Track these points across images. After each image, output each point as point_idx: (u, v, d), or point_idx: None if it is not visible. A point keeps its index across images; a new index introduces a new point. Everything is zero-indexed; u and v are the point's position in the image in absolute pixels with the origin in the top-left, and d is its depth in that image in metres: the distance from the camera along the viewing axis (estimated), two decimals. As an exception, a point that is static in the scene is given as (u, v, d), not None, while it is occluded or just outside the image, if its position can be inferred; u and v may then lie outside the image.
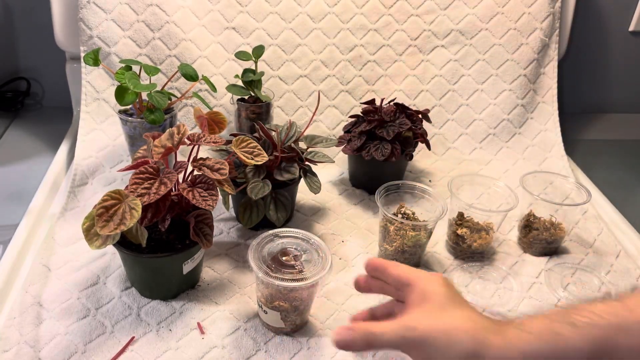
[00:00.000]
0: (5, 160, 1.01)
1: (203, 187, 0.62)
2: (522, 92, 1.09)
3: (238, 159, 0.69)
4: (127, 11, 0.97)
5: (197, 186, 0.62)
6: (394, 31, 1.07)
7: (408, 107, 0.91)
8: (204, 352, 0.61)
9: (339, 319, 0.67)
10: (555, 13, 1.09)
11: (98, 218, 0.55)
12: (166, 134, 0.62)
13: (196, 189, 0.62)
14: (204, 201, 0.60)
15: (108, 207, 0.56)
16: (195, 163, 0.63)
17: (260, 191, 0.72)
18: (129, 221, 0.56)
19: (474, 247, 0.78)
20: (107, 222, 0.56)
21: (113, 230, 0.55)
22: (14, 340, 0.61)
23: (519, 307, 0.71)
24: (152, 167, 0.60)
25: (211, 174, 0.62)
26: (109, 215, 0.56)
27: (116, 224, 0.56)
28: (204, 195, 0.61)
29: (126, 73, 0.81)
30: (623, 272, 0.78)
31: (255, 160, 0.67)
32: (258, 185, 0.73)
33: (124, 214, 0.56)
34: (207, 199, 0.61)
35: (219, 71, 1.02)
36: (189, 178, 0.64)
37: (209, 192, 0.62)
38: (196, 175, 0.63)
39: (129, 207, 0.56)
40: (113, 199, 0.57)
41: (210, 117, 0.68)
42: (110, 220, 0.56)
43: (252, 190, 0.72)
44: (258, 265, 0.60)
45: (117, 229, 0.55)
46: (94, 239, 0.58)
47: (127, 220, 0.56)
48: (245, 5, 1.02)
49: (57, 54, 1.09)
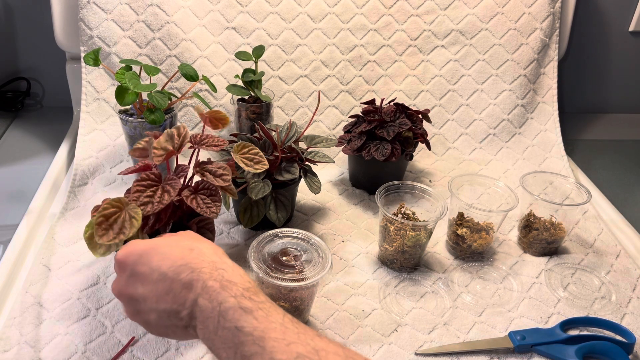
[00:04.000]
0: (5, 160, 1.01)
1: (206, 194, 0.62)
2: (522, 92, 1.09)
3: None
4: (127, 11, 0.97)
5: (199, 192, 0.62)
6: (394, 31, 1.07)
7: (408, 107, 0.91)
8: (204, 352, 0.61)
9: (339, 319, 0.67)
10: (555, 13, 1.09)
11: (97, 227, 0.55)
12: (165, 135, 0.61)
13: (199, 196, 0.61)
14: (208, 208, 0.60)
15: (107, 216, 0.56)
16: (198, 169, 0.63)
17: (261, 191, 0.72)
18: (128, 230, 0.55)
19: (474, 247, 0.78)
20: (106, 231, 0.55)
21: (112, 240, 0.55)
22: (14, 340, 0.61)
23: (519, 307, 0.71)
24: (153, 173, 0.60)
25: (214, 180, 0.61)
26: (108, 224, 0.55)
27: (115, 232, 0.55)
28: (207, 203, 0.61)
29: (126, 73, 0.81)
30: (623, 272, 0.78)
31: (255, 168, 0.66)
32: (258, 185, 0.73)
33: (124, 223, 0.55)
34: (210, 206, 0.61)
35: (219, 71, 1.02)
36: (192, 184, 0.63)
37: (212, 198, 0.61)
38: (199, 181, 0.63)
39: (129, 216, 0.56)
40: (113, 207, 0.56)
41: (211, 115, 0.68)
42: (110, 229, 0.55)
43: (252, 190, 0.72)
44: (258, 265, 0.60)
45: (117, 239, 0.55)
46: (97, 246, 0.57)
47: (126, 229, 0.55)
48: (245, 5, 1.02)
49: (57, 54, 1.09)
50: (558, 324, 0.67)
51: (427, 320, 0.68)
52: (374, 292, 0.72)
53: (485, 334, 0.67)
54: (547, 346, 0.64)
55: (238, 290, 0.44)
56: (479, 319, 0.69)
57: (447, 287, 0.73)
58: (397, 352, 0.63)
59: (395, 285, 0.74)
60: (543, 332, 0.66)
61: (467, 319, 0.69)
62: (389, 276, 0.75)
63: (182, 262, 0.47)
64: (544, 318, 0.70)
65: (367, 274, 0.75)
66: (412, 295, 0.72)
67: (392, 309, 0.69)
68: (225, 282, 0.45)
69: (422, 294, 0.72)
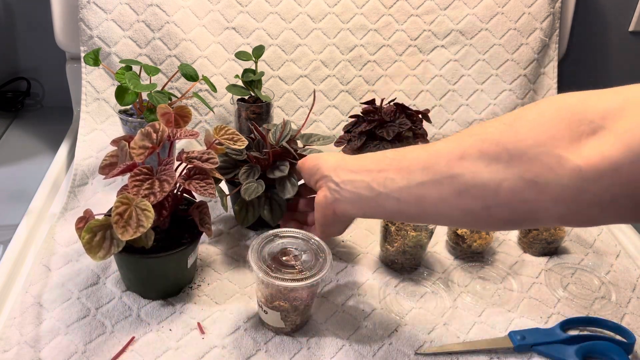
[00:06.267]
0: (5, 160, 1.01)
1: (199, 178, 0.64)
2: (522, 92, 1.09)
3: (228, 154, 0.72)
4: (127, 11, 0.97)
5: (193, 178, 0.64)
6: (394, 31, 1.07)
7: (408, 107, 0.91)
8: (204, 352, 0.61)
9: (339, 319, 0.67)
10: (555, 13, 1.10)
11: (116, 225, 0.55)
12: (139, 135, 0.62)
13: (193, 181, 0.63)
14: (205, 191, 0.62)
15: (122, 213, 0.56)
16: (185, 157, 0.64)
17: (254, 192, 0.72)
18: (145, 222, 0.56)
19: (474, 247, 0.78)
20: (125, 228, 0.56)
21: (134, 234, 0.55)
22: (14, 340, 0.61)
23: (519, 307, 0.71)
24: (145, 167, 0.61)
25: (202, 165, 0.63)
26: (124, 221, 0.56)
27: (134, 228, 0.56)
28: (202, 186, 0.63)
29: (126, 73, 0.81)
30: (623, 272, 0.78)
31: (237, 145, 0.69)
32: (252, 185, 0.73)
33: (138, 217, 0.56)
34: (206, 188, 0.63)
35: (219, 71, 1.02)
36: (183, 172, 0.65)
37: (205, 182, 0.64)
38: (190, 168, 0.65)
39: (140, 209, 0.56)
40: (123, 205, 0.57)
41: (176, 112, 0.69)
42: (128, 225, 0.56)
43: (246, 191, 0.72)
44: (258, 265, 0.60)
45: (137, 232, 0.55)
46: (96, 250, 0.57)
47: (143, 222, 0.56)
48: (245, 5, 1.02)
49: (57, 54, 1.09)
50: (558, 324, 0.67)
51: (427, 320, 0.68)
52: (374, 292, 0.72)
53: (485, 334, 0.67)
54: (547, 346, 0.64)
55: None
56: (479, 319, 0.69)
57: (447, 287, 0.73)
58: (397, 352, 0.63)
59: (395, 285, 0.74)
60: (543, 332, 0.66)
61: (467, 319, 0.69)
62: (389, 276, 0.75)
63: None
64: (544, 318, 0.70)
65: (367, 274, 0.75)
66: (412, 295, 0.72)
67: (392, 309, 0.69)
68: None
69: (422, 294, 0.72)
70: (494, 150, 0.46)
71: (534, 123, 0.44)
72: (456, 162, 0.48)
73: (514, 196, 0.45)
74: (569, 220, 0.45)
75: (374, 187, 0.55)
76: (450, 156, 0.49)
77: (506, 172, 0.45)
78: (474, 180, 0.47)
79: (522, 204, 0.45)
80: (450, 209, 0.50)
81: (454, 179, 0.48)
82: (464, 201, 0.48)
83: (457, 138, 0.51)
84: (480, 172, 0.46)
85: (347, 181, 0.59)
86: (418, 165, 0.52)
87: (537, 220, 0.46)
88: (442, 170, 0.49)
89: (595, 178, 0.40)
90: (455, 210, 0.50)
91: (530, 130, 0.44)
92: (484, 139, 0.47)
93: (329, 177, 0.61)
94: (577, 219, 0.44)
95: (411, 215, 0.55)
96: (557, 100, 0.45)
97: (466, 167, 0.48)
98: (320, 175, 0.63)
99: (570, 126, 0.42)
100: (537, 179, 0.43)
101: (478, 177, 0.47)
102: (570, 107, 0.43)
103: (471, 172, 0.47)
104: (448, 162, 0.49)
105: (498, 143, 0.46)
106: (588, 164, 0.40)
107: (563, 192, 0.42)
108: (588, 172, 0.40)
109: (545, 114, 0.44)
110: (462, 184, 0.48)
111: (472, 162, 0.47)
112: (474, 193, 0.47)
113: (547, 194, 0.43)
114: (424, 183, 0.51)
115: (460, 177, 0.48)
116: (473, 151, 0.47)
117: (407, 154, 0.54)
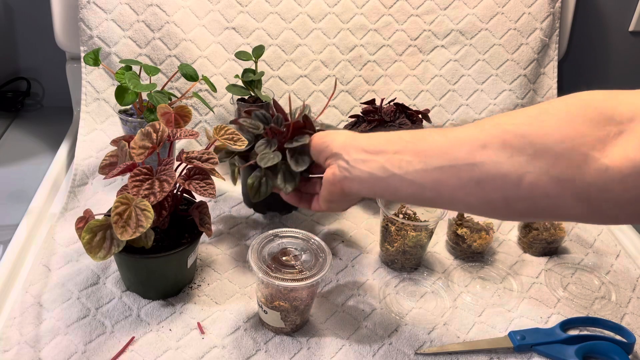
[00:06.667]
0: (5, 160, 1.01)
1: (199, 179, 0.64)
2: (522, 92, 1.09)
3: (245, 128, 0.72)
4: (127, 11, 0.97)
5: (193, 178, 0.64)
6: (394, 31, 1.07)
7: (408, 107, 0.91)
8: (204, 352, 0.61)
9: (339, 319, 0.67)
10: (555, 13, 1.09)
11: (115, 225, 0.55)
12: (139, 134, 0.62)
13: (193, 182, 0.63)
14: (205, 191, 0.62)
15: (121, 213, 0.56)
16: (184, 157, 0.64)
17: (271, 160, 0.72)
18: (145, 222, 0.56)
19: (474, 247, 0.78)
20: (124, 228, 0.56)
21: (133, 234, 0.55)
22: (14, 340, 0.61)
23: (519, 307, 0.71)
24: (145, 167, 0.60)
25: (202, 165, 0.63)
26: (124, 221, 0.56)
27: (133, 228, 0.56)
28: (202, 186, 0.63)
29: (126, 73, 0.81)
30: (623, 272, 0.78)
31: (237, 145, 0.68)
32: (268, 154, 0.72)
33: (138, 217, 0.56)
34: (206, 188, 0.63)
35: (219, 71, 1.02)
36: (183, 172, 0.65)
37: (205, 182, 0.63)
38: (190, 169, 0.65)
39: (139, 210, 0.57)
40: (123, 205, 0.57)
41: (176, 112, 0.69)
42: (127, 225, 0.56)
43: (262, 159, 0.71)
44: (258, 265, 0.60)
45: (137, 232, 0.55)
46: (96, 250, 0.57)
47: (143, 222, 0.56)
48: (245, 5, 1.02)
49: (57, 54, 1.09)
50: (558, 324, 0.67)
51: (427, 320, 0.68)
52: (374, 292, 0.72)
53: (485, 334, 0.67)
54: (547, 346, 0.64)
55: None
56: (479, 319, 0.69)
57: (447, 287, 0.73)
58: (397, 352, 0.63)
59: (395, 285, 0.74)
60: (543, 332, 0.66)
61: (467, 319, 0.69)
62: (389, 276, 0.75)
63: None
64: (543, 318, 0.70)
65: (367, 274, 0.75)
66: (412, 295, 0.72)
67: (392, 309, 0.69)
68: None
69: (422, 294, 0.72)
70: (518, 142, 0.45)
71: (561, 118, 0.44)
72: (477, 151, 0.48)
73: (536, 190, 0.45)
74: (588, 217, 0.45)
75: (387, 167, 0.54)
76: (472, 144, 0.48)
77: (529, 166, 0.44)
78: (495, 171, 0.46)
79: (544, 199, 0.45)
80: (467, 196, 0.49)
81: (474, 167, 0.48)
82: (483, 190, 0.48)
83: (479, 126, 0.50)
84: (502, 162, 0.46)
85: (358, 160, 0.57)
86: (437, 150, 0.51)
87: (555, 216, 0.46)
88: (462, 157, 0.49)
89: (620, 178, 0.40)
90: (473, 199, 0.49)
91: (557, 125, 0.44)
92: (507, 130, 0.47)
93: (339, 154, 0.60)
94: (596, 217, 0.44)
95: (425, 199, 0.53)
96: (584, 97, 0.45)
97: (488, 156, 0.47)
98: (330, 153, 0.61)
99: (597, 125, 0.42)
100: (562, 175, 0.43)
101: (499, 167, 0.46)
102: (598, 104, 0.43)
103: (493, 161, 0.46)
104: (469, 150, 0.48)
105: (523, 135, 0.45)
106: (614, 164, 0.41)
107: (587, 190, 0.42)
108: (614, 172, 0.40)
109: (571, 110, 0.44)
110: (482, 173, 0.47)
111: (494, 151, 0.46)
112: (494, 183, 0.47)
113: (571, 190, 0.43)
114: (442, 168, 0.50)
115: (481, 165, 0.47)
116: (496, 141, 0.47)
117: (426, 137, 0.53)
